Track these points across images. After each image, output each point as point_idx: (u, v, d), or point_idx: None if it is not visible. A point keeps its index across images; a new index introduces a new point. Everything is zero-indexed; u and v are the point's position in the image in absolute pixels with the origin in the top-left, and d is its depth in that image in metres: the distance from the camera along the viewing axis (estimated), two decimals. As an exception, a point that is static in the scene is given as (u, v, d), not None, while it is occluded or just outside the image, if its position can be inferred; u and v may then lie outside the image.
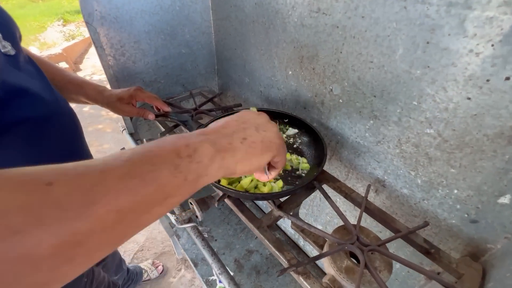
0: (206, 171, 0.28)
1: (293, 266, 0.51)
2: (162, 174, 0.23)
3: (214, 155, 0.29)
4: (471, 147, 0.49)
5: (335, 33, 0.64)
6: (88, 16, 0.82)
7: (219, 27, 1.09)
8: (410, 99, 0.55)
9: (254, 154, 0.33)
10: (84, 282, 0.75)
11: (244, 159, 0.32)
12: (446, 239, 0.62)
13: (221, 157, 0.29)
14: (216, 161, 0.29)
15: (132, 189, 0.21)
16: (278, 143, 0.35)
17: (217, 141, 0.30)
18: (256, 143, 0.33)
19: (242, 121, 0.36)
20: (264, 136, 0.34)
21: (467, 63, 0.44)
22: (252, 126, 0.35)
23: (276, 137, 0.35)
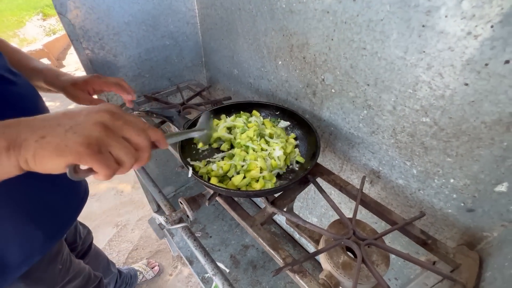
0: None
1: (288, 265, 0.50)
2: None
3: (1, 151, 0.29)
4: (468, 135, 0.48)
5: (326, 19, 0.60)
6: (60, 6, 0.76)
7: (205, 16, 1.04)
8: (405, 87, 0.53)
9: (43, 156, 0.30)
10: (58, 269, 0.74)
11: (32, 159, 0.30)
12: (442, 228, 0.62)
13: (8, 154, 0.30)
14: (3, 158, 0.29)
15: None
16: (79, 150, 0.31)
17: (16, 135, 0.30)
18: (51, 144, 0.30)
19: (71, 115, 0.34)
20: (65, 138, 0.31)
21: (465, 46, 0.41)
22: (70, 123, 0.32)
23: (81, 142, 0.31)
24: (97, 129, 0.33)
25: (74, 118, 0.33)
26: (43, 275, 0.68)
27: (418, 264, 0.50)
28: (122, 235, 1.79)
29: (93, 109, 0.35)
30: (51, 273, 0.71)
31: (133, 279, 1.42)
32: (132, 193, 2.08)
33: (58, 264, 0.73)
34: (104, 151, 0.33)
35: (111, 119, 0.34)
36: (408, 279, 0.79)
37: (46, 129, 0.31)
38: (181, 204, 0.64)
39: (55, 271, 0.72)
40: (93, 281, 0.92)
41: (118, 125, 0.35)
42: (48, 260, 0.69)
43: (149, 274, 1.50)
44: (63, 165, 0.31)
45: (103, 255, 1.17)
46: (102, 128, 0.33)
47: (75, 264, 0.81)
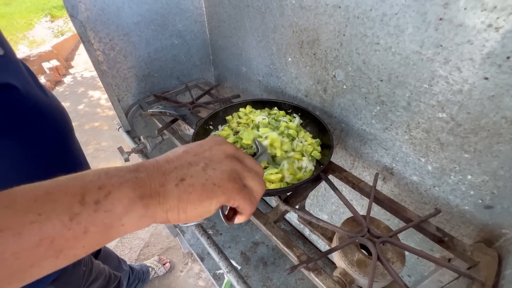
0: (120, 221, 0.23)
1: (303, 262, 0.50)
2: (48, 227, 0.19)
3: (134, 202, 0.23)
4: (487, 131, 0.46)
5: (337, 14, 0.59)
6: (72, 8, 0.76)
7: (212, 14, 1.03)
8: (421, 82, 0.51)
9: (190, 201, 0.26)
10: (83, 270, 0.76)
11: (176, 207, 0.25)
12: (458, 225, 0.61)
13: (144, 204, 0.24)
14: (135, 210, 0.23)
15: None
16: (228, 186, 0.28)
17: (147, 180, 0.25)
18: (195, 186, 0.26)
19: (194, 151, 0.30)
20: (209, 177, 0.27)
21: (485, 39, 0.40)
22: (202, 160, 0.28)
23: (227, 178, 0.28)
24: (233, 162, 0.30)
25: (201, 154, 0.29)
26: (69, 278, 0.70)
27: (435, 262, 0.50)
28: (134, 233, 1.83)
29: (212, 141, 0.32)
30: (77, 275, 0.73)
31: (146, 275, 1.45)
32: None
33: (82, 266, 0.75)
34: (244, 185, 0.30)
35: (235, 149, 0.32)
36: (421, 276, 0.78)
37: (179, 171, 0.27)
38: (194, 202, 0.65)
39: (80, 273, 0.74)
40: (113, 280, 0.94)
41: (242, 155, 0.32)
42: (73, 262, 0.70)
43: (161, 270, 1.53)
44: (214, 208, 0.28)
45: (113, 254, 1.20)
46: (236, 161, 0.30)
47: (95, 265, 0.83)
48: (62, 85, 3.60)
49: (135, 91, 1.04)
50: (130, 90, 1.02)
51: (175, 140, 0.84)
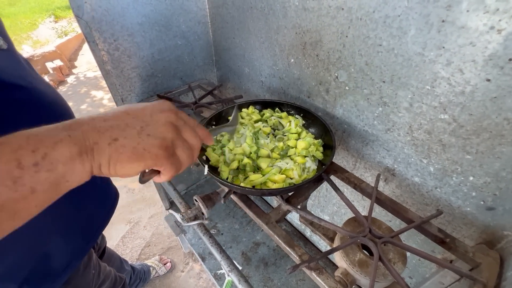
0: (64, 178, 0.25)
1: (305, 262, 0.50)
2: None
3: (72, 159, 0.25)
4: (489, 132, 0.47)
5: (340, 16, 0.60)
6: (77, 9, 0.77)
7: (216, 16, 1.04)
8: (423, 84, 0.52)
9: (119, 161, 0.27)
10: (92, 274, 0.76)
11: (107, 164, 0.27)
12: (460, 227, 0.61)
13: (81, 160, 0.25)
14: (75, 166, 0.25)
15: None
16: (158, 153, 0.29)
17: (81, 138, 0.26)
18: (126, 148, 0.28)
19: (135, 114, 0.31)
20: (141, 141, 0.29)
21: (488, 41, 0.40)
22: (139, 124, 0.30)
23: (158, 145, 0.29)
24: (169, 130, 0.31)
25: (140, 118, 0.30)
26: (80, 281, 0.70)
27: (437, 263, 0.50)
28: (135, 232, 1.83)
29: (155, 107, 0.33)
30: (87, 278, 0.73)
31: (147, 275, 1.46)
32: (143, 190, 2.12)
33: (91, 269, 0.75)
34: (175, 151, 0.32)
35: (176, 119, 0.33)
36: (423, 278, 0.78)
37: (114, 130, 0.28)
38: (196, 201, 0.65)
39: (90, 276, 0.74)
40: (119, 282, 0.95)
41: (181, 125, 0.33)
42: (83, 265, 0.70)
43: (162, 270, 1.53)
44: (140, 170, 0.29)
45: (116, 255, 1.21)
46: (173, 129, 0.31)
47: (102, 268, 0.84)
48: (65, 85, 3.63)
49: (139, 91, 1.05)
50: (133, 90, 1.03)
51: (178, 139, 0.84)
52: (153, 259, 1.60)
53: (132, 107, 0.32)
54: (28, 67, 0.54)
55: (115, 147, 0.27)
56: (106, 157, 0.27)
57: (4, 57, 0.46)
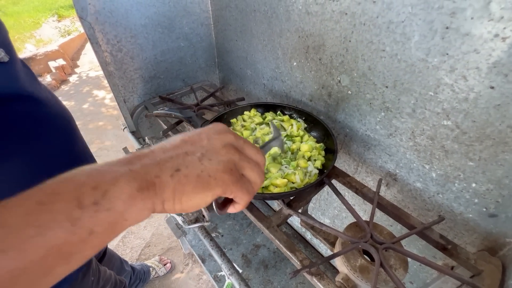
0: (122, 217, 0.23)
1: (306, 267, 0.50)
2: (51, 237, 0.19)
3: (132, 196, 0.23)
4: (492, 139, 0.46)
5: (344, 21, 0.60)
6: (81, 10, 0.78)
7: (219, 18, 1.04)
8: (426, 89, 0.52)
9: (185, 193, 0.25)
10: (91, 281, 0.75)
11: (171, 198, 0.25)
12: (461, 233, 0.60)
13: (142, 197, 0.23)
14: (135, 204, 0.23)
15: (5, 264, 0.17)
16: (224, 178, 0.27)
17: (142, 172, 0.24)
18: (189, 177, 0.25)
19: (192, 140, 0.28)
20: (204, 168, 0.26)
21: (492, 49, 0.40)
22: (199, 150, 0.27)
23: (223, 169, 0.27)
24: (231, 152, 0.29)
25: (198, 144, 0.28)
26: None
27: (438, 270, 0.50)
28: (135, 232, 1.83)
29: (211, 130, 0.31)
30: (86, 286, 0.72)
31: (146, 275, 1.46)
32: (145, 191, 2.12)
33: (90, 276, 0.74)
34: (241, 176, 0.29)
35: (234, 138, 0.31)
36: (423, 284, 0.78)
37: (174, 160, 0.26)
38: (198, 204, 0.65)
39: (89, 283, 0.74)
40: (119, 286, 0.95)
41: (241, 144, 0.31)
42: (82, 273, 0.70)
43: (162, 270, 1.53)
44: (210, 199, 0.27)
45: (116, 255, 1.21)
46: (234, 150, 0.29)
47: (102, 273, 0.84)
48: (68, 84, 3.64)
49: (141, 92, 1.05)
50: (136, 91, 1.03)
51: (180, 141, 0.84)
52: (153, 260, 1.60)
53: (187, 134, 0.30)
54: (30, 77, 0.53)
55: (178, 179, 0.25)
56: (170, 191, 0.25)
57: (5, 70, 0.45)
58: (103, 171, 0.23)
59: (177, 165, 0.26)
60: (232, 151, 0.29)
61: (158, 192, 0.24)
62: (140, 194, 0.23)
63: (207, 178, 0.26)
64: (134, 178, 0.23)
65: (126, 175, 0.23)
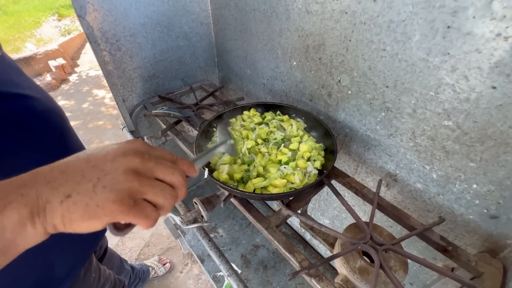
0: (15, 243, 0.23)
1: (305, 268, 0.49)
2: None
3: (23, 222, 0.23)
4: (494, 140, 0.46)
5: (344, 20, 0.59)
6: (80, 9, 0.77)
7: (218, 17, 1.04)
8: (427, 89, 0.51)
9: (73, 220, 0.25)
10: (93, 277, 0.75)
11: (61, 224, 0.25)
12: (462, 234, 0.60)
13: (32, 223, 0.24)
14: (26, 230, 0.23)
15: None
16: (113, 208, 0.26)
17: (34, 197, 0.24)
18: (78, 205, 0.25)
19: (95, 161, 0.28)
20: (94, 196, 0.26)
21: (494, 48, 0.40)
22: (96, 174, 0.27)
23: (113, 199, 0.26)
24: (129, 179, 0.28)
25: (100, 166, 0.28)
26: (81, 286, 0.69)
27: (439, 272, 0.49)
28: (134, 232, 1.83)
29: (119, 151, 0.30)
30: (88, 282, 0.72)
31: (146, 274, 1.45)
32: (144, 190, 2.12)
33: (92, 272, 0.74)
34: (139, 201, 0.29)
35: (141, 162, 0.30)
36: (423, 285, 0.78)
37: (69, 185, 0.26)
38: (196, 204, 0.65)
39: (91, 280, 0.74)
40: (118, 285, 0.94)
41: (149, 167, 0.30)
42: (84, 270, 0.70)
43: (161, 270, 1.53)
44: (99, 227, 0.27)
45: (116, 254, 1.20)
46: (133, 177, 0.28)
47: (102, 271, 0.83)
48: (68, 83, 3.64)
49: (140, 91, 1.05)
50: (135, 91, 1.03)
51: (179, 141, 0.84)
52: (153, 259, 1.60)
53: (95, 152, 0.29)
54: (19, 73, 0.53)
55: (67, 206, 0.25)
56: (59, 217, 0.25)
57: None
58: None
59: (70, 190, 0.25)
60: (131, 178, 0.28)
61: (48, 217, 0.25)
62: (30, 220, 0.24)
63: (94, 208, 0.26)
64: (25, 204, 0.23)
65: (16, 202, 0.23)
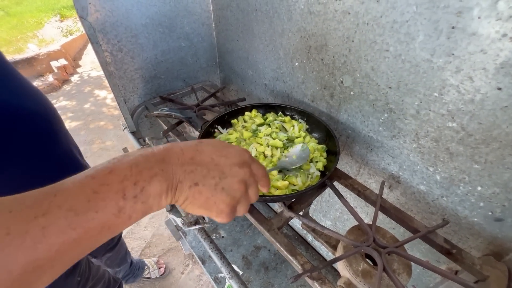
0: (152, 208, 0.29)
1: (307, 271, 0.49)
2: (105, 219, 0.25)
3: (161, 194, 0.29)
4: (499, 142, 0.45)
5: (347, 20, 0.59)
6: (81, 10, 0.77)
7: (220, 18, 1.04)
8: (431, 91, 0.51)
9: (192, 204, 0.31)
10: (77, 281, 0.74)
11: (183, 202, 0.31)
12: (466, 237, 0.59)
13: (166, 195, 0.30)
14: (161, 199, 0.29)
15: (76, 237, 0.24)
16: (223, 209, 0.32)
17: (173, 175, 0.30)
18: (201, 195, 0.31)
19: (218, 161, 0.33)
20: (215, 194, 0.32)
21: (499, 49, 0.39)
22: (218, 174, 0.32)
23: (227, 203, 0.32)
24: (241, 190, 0.33)
25: (221, 168, 0.33)
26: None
27: (442, 275, 0.49)
28: (135, 232, 1.83)
29: (236, 158, 0.34)
30: (70, 285, 0.72)
31: (140, 271, 1.48)
32: (145, 191, 2.12)
33: (76, 276, 0.74)
34: (238, 206, 0.34)
35: (249, 177, 0.35)
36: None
37: (198, 174, 0.31)
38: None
39: (74, 282, 0.73)
40: (113, 285, 0.94)
41: (251, 182, 0.35)
42: (66, 274, 0.70)
43: (155, 273, 1.54)
44: (206, 216, 0.33)
45: (124, 245, 1.24)
46: (244, 188, 0.34)
47: (94, 271, 0.83)
48: (70, 84, 3.65)
49: (141, 92, 1.04)
50: (136, 91, 1.03)
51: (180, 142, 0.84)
52: (151, 259, 1.60)
53: (218, 150, 0.34)
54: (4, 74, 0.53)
55: (193, 192, 0.31)
56: (184, 197, 0.31)
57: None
58: (141, 167, 0.28)
59: (197, 179, 0.31)
60: (243, 189, 0.34)
61: (177, 194, 0.30)
62: (165, 193, 0.29)
63: (212, 204, 0.32)
64: (165, 179, 0.29)
65: (159, 175, 0.29)
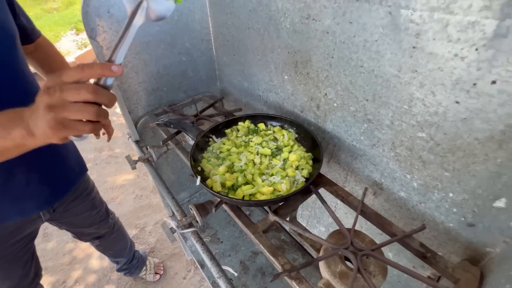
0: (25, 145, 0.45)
1: (286, 271, 0.52)
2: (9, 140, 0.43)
3: (26, 134, 0.42)
4: (463, 151, 0.49)
5: (326, 39, 0.64)
6: (91, 31, 0.86)
7: (218, 34, 1.11)
8: (401, 103, 0.55)
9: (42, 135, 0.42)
10: None
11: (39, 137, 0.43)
12: (445, 242, 0.62)
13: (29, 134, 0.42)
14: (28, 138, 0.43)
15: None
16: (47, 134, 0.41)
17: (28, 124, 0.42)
18: (39, 131, 0.42)
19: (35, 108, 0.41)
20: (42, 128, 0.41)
21: (453, 67, 0.43)
22: (35, 116, 0.41)
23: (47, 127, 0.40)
24: (46, 113, 0.39)
25: (35, 111, 0.41)
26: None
27: (414, 277, 0.51)
28: (140, 237, 1.89)
29: (38, 97, 0.40)
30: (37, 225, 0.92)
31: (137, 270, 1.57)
32: (151, 197, 2.19)
33: None
34: (68, 122, 0.40)
35: (48, 97, 0.39)
36: (415, 293, 0.78)
37: (33, 121, 0.41)
38: (191, 210, 0.69)
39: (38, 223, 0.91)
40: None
41: (57, 97, 0.39)
42: None
43: (150, 276, 1.60)
44: (55, 141, 0.42)
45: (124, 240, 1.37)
46: (48, 110, 0.39)
47: None
48: (83, 94, 3.82)
49: (145, 103, 1.12)
50: (140, 103, 1.10)
51: (178, 150, 0.89)
52: (153, 260, 1.67)
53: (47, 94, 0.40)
54: None
55: (38, 132, 0.42)
56: (36, 134, 0.42)
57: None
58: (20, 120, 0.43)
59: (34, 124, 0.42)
60: (47, 112, 0.39)
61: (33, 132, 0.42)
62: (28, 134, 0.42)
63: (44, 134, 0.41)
64: (24, 128, 0.42)
65: (20, 127, 0.42)
